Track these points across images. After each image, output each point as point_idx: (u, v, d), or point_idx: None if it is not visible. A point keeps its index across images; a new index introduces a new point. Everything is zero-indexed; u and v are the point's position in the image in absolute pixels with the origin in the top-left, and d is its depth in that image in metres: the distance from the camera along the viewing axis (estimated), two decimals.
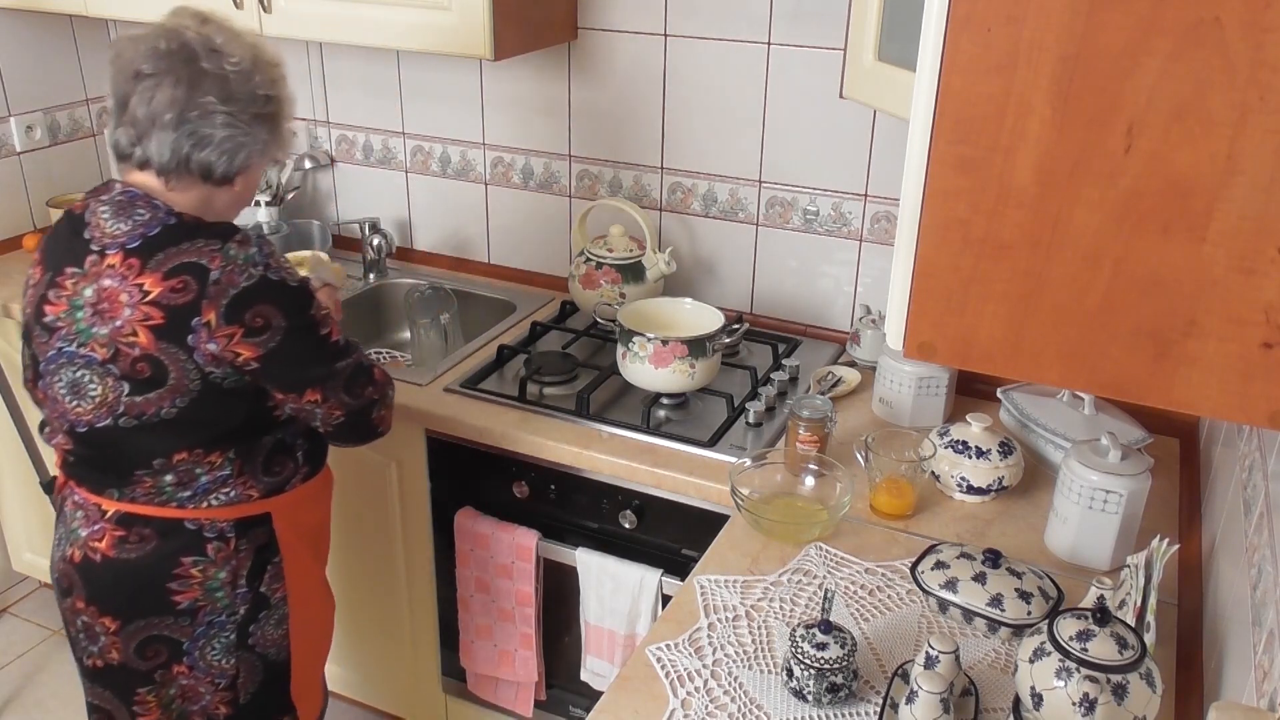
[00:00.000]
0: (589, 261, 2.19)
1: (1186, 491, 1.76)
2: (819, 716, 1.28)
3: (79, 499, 1.53)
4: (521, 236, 2.50)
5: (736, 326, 2.09)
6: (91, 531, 1.50)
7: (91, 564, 1.51)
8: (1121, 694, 1.10)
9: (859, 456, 1.72)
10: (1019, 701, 1.19)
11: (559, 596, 1.99)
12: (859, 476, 1.69)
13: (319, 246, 2.60)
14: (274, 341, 1.40)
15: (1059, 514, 1.58)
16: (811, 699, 1.29)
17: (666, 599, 1.81)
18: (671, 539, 1.85)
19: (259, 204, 2.56)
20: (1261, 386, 0.78)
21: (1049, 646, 1.14)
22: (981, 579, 1.42)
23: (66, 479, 1.56)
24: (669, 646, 1.39)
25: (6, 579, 2.84)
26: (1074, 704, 1.09)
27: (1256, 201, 0.74)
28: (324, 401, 1.50)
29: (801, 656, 1.28)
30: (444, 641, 2.20)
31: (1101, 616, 1.14)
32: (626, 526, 1.86)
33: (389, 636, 2.25)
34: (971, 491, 1.70)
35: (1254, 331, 0.77)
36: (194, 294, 1.36)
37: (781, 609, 1.47)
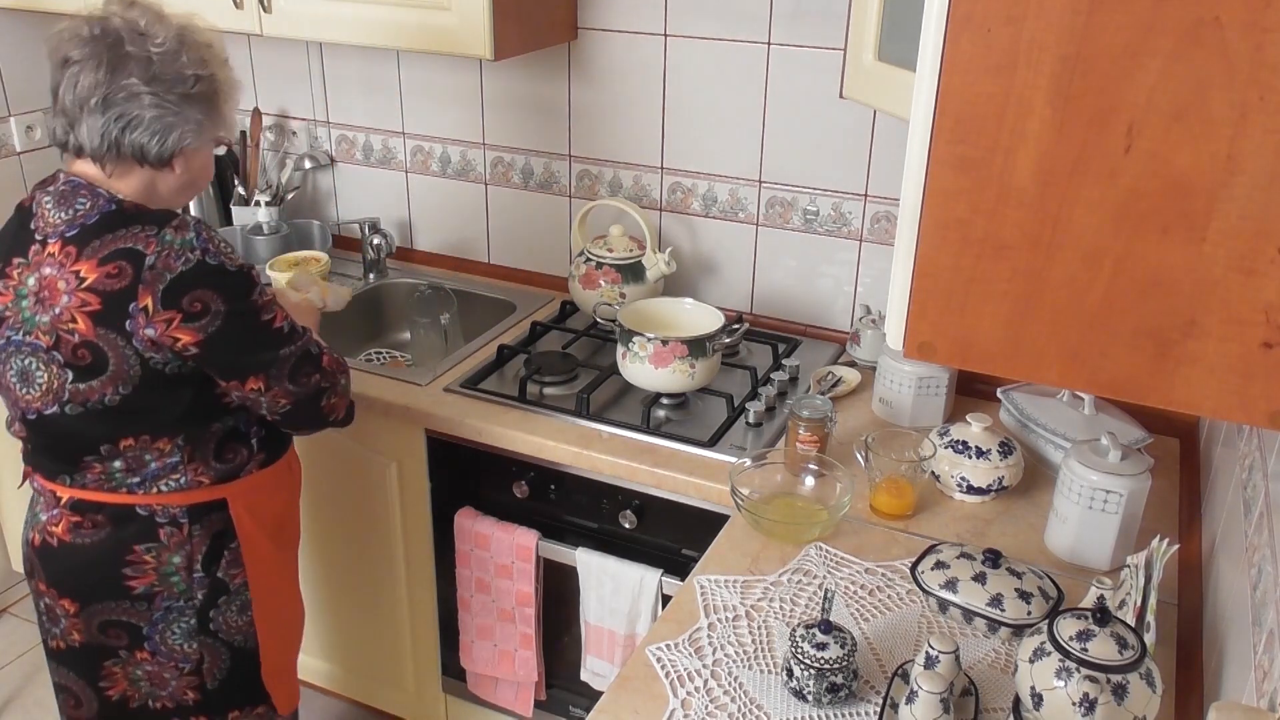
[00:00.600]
0: (589, 261, 2.19)
1: (1186, 491, 1.76)
2: (819, 716, 1.28)
3: (38, 485, 1.57)
4: (521, 236, 2.50)
5: (736, 326, 2.09)
6: (50, 516, 1.54)
7: (50, 548, 1.54)
8: (1121, 694, 1.10)
9: (859, 456, 1.72)
10: (1019, 701, 1.19)
11: (559, 596, 1.99)
12: (859, 476, 1.69)
13: (319, 246, 2.61)
14: (213, 326, 1.41)
15: (1059, 514, 1.58)
16: (811, 699, 1.29)
17: (666, 599, 1.81)
18: (671, 539, 1.85)
19: (259, 204, 2.57)
20: (1261, 386, 0.78)
21: (1049, 646, 1.14)
22: (981, 579, 1.42)
23: (28, 467, 1.59)
24: (669, 646, 1.39)
25: (6, 579, 2.84)
26: (1074, 704, 1.09)
27: (1256, 201, 0.74)
28: (268, 389, 1.50)
29: (801, 656, 1.28)
30: (444, 641, 2.20)
31: (1101, 616, 1.14)
32: (626, 526, 1.86)
33: (389, 636, 2.25)
34: (971, 491, 1.70)
35: (1254, 331, 0.77)
36: (129, 279, 1.37)
37: (781, 609, 1.47)
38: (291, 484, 1.76)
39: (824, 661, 1.27)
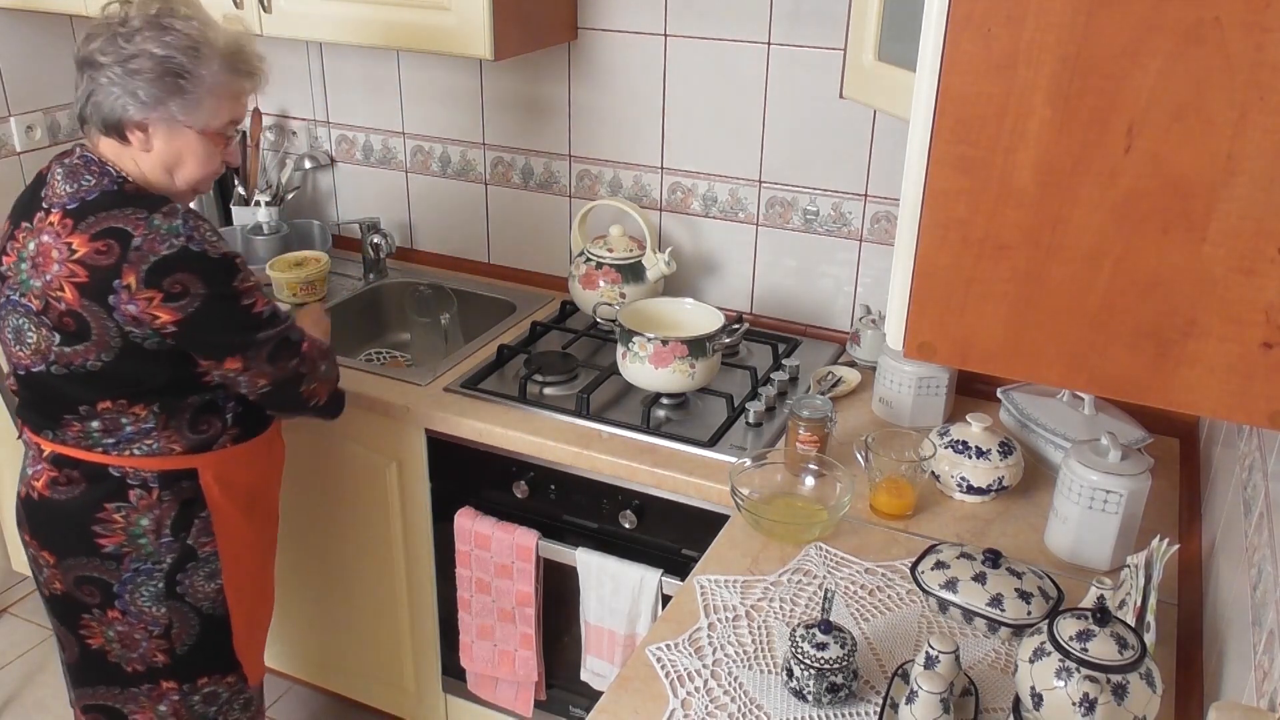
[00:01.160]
0: (589, 261, 2.19)
1: (1186, 491, 1.76)
2: (819, 716, 1.28)
3: (27, 439, 1.65)
4: (521, 236, 2.50)
5: (736, 326, 2.09)
6: (34, 471, 1.63)
7: (32, 501, 1.64)
8: (1121, 694, 1.10)
9: (859, 456, 1.72)
10: (1019, 701, 1.19)
11: (559, 596, 1.99)
12: (859, 476, 1.69)
13: (319, 246, 2.60)
14: (192, 307, 1.47)
15: (1059, 514, 1.58)
16: (811, 699, 1.29)
17: (666, 599, 1.81)
18: (671, 539, 1.85)
19: (259, 204, 2.57)
20: (1261, 386, 0.78)
21: (1049, 646, 1.14)
22: (981, 579, 1.42)
23: (19, 419, 1.67)
24: (669, 646, 1.39)
25: (6, 579, 2.84)
26: (1074, 704, 1.09)
27: (1256, 201, 0.74)
28: (245, 370, 1.56)
29: (801, 656, 1.28)
30: (444, 641, 2.20)
31: (1101, 616, 1.14)
32: (626, 526, 1.86)
33: (389, 636, 2.25)
34: (971, 491, 1.70)
35: (1254, 331, 0.77)
36: (116, 257, 1.44)
37: (781, 609, 1.47)
38: (269, 462, 1.80)
39: (824, 661, 1.27)
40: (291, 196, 2.64)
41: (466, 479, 2.02)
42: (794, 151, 2.13)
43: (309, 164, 2.62)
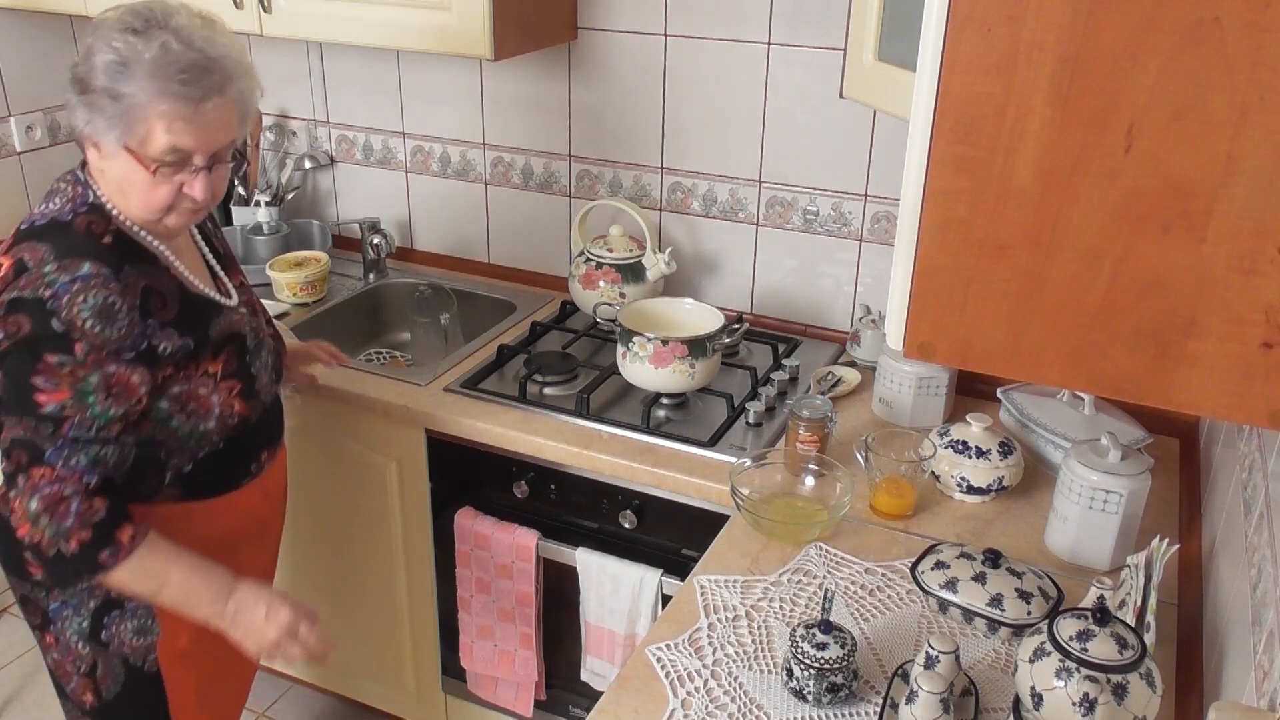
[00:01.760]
0: (589, 261, 2.19)
1: (1186, 491, 1.76)
2: (819, 716, 1.28)
3: None
4: (521, 236, 2.50)
5: (736, 326, 2.09)
6: None
7: None
8: (1121, 694, 1.10)
9: (859, 456, 1.72)
10: (1019, 701, 1.19)
11: (559, 596, 1.99)
12: (859, 476, 1.69)
13: (319, 246, 2.60)
14: (1, 348, 1.34)
15: (1059, 514, 1.58)
16: (811, 699, 1.29)
17: (666, 599, 1.81)
18: (671, 539, 1.85)
19: (259, 204, 2.57)
20: (1261, 386, 0.78)
21: (1049, 646, 1.14)
22: (981, 579, 1.42)
23: None
24: (669, 646, 1.39)
25: (6, 579, 2.84)
26: (1074, 704, 1.09)
27: (1256, 201, 0.74)
28: None
29: (801, 656, 1.28)
30: (444, 641, 2.20)
31: (1101, 616, 1.14)
32: (626, 526, 1.86)
33: (389, 636, 2.25)
34: (971, 491, 1.70)
35: (1254, 331, 0.77)
36: (3, 284, 1.34)
37: (781, 609, 1.47)
38: (234, 521, 1.59)
39: (824, 661, 1.27)
40: (291, 196, 2.64)
41: (466, 479, 2.02)
42: (794, 151, 2.13)
43: (309, 164, 2.62)
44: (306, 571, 2.28)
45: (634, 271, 2.17)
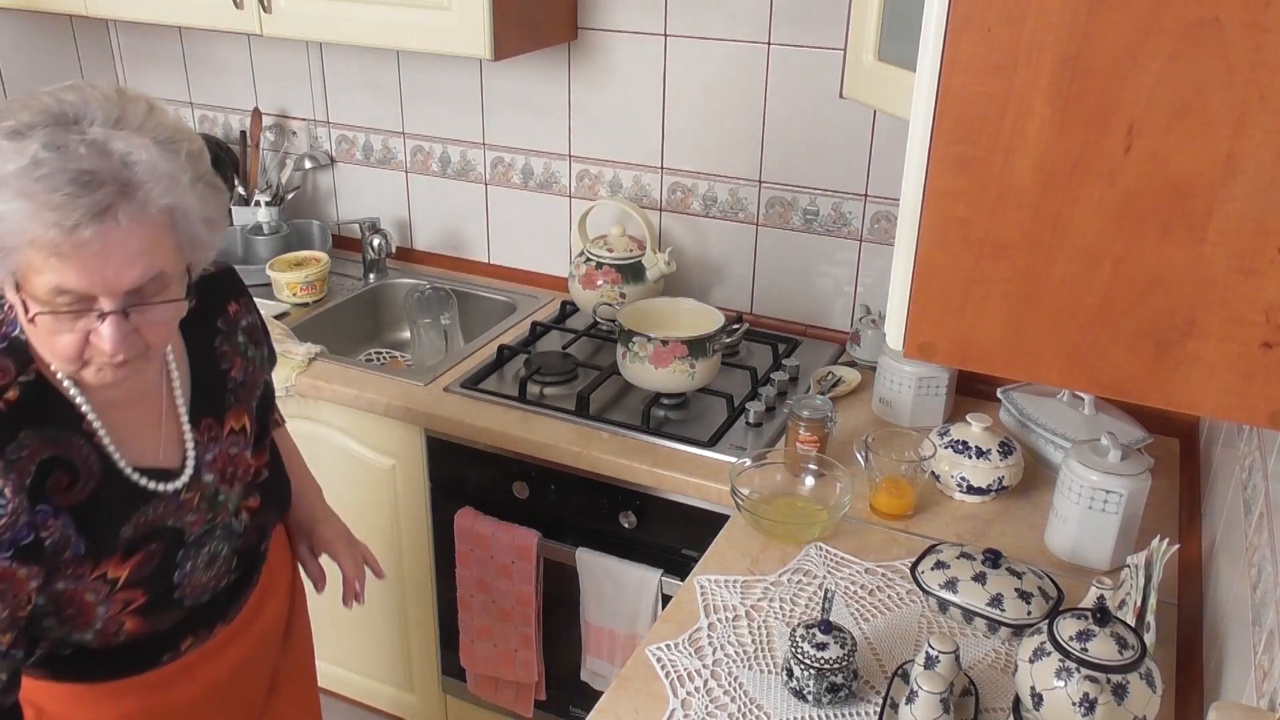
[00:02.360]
0: (589, 261, 2.19)
1: (1186, 491, 1.76)
2: (819, 716, 1.28)
3: None
4: (521, 236, 2.50)
5: (736, 326, 2.09)
6: None
7: None
8: (1121, 694, 1.10)
9: (859, 456, 1.72)
10: (1019, 701, 1.19)
11: (559, 596, 1.99)
12: (859, 476, 1.69)
13: (319, 246, 2.60)
14: None
15: (1059, 514, 1.58)
16: (811, 699, 1.29)
17: (666, 599, 1.81)
18: (671, 539, 1.85)
19: (259, 204, 2.57)
20: (1261, 386, 0.78)
21: (1049, 646, 1.14)
22: (981, 579, 1.42)
23: None
24: (669, 646, 1.39)
25: None
26: (1074, 704, 1.09)
27: (1256, 201, 0.74)
28: None
29: (801, 656, 1.28)
30: (444, 641, 2.20)
31: (1101, 616, 1.14)
32: (626, 526, 1.86)
33: (389, 636, 2.25)
34: (971, 491, 1.70)
35: (1254, 331, 0.77)
36: None
37: (781, 609, 1.47)
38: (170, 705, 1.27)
39: (824, 661, 1.27)
40: (291, 196, 2.64)
41: (466, 479, 2.02)
42: (794, 151, 2.13)
43: (309, 164, 2.62)
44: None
45: (634, 271, 2.17)
